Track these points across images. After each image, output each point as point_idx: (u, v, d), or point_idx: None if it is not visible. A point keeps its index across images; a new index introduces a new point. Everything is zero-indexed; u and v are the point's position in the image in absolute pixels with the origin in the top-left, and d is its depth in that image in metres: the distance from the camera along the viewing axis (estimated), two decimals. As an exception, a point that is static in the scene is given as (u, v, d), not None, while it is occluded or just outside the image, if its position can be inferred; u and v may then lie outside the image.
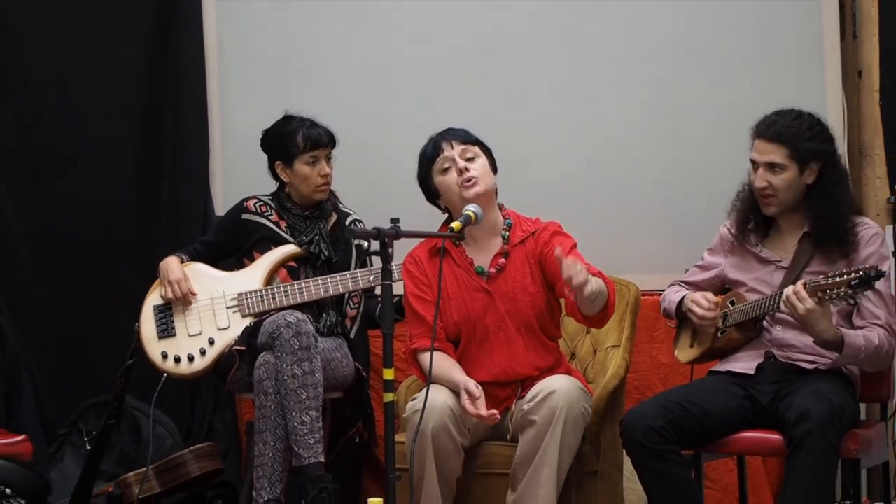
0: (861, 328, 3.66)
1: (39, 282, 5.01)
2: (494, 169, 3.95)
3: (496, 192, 3.94)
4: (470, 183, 3.82)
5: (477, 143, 3.93)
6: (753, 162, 3.73)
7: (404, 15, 5.22)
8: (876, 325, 3.66)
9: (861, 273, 3.38)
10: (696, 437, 3.64)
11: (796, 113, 3.72)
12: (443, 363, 3.77)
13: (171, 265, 4.38)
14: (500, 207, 3.98)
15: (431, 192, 3.94)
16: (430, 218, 3.94)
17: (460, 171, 3.84)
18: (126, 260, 4.98)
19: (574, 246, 3.85)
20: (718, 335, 3.83)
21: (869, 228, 3.72)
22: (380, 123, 5.16)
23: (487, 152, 3.95)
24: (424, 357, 3.79)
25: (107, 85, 5.11)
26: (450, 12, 5.21)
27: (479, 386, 3.71)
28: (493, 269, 3.90)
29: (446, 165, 3.87)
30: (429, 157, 3.91)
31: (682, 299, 3.93)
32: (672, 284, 4.06)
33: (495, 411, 3.67)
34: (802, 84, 5.06)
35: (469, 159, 3.87)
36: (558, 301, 3.92)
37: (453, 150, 3.87)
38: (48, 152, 5.08)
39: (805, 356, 3.69)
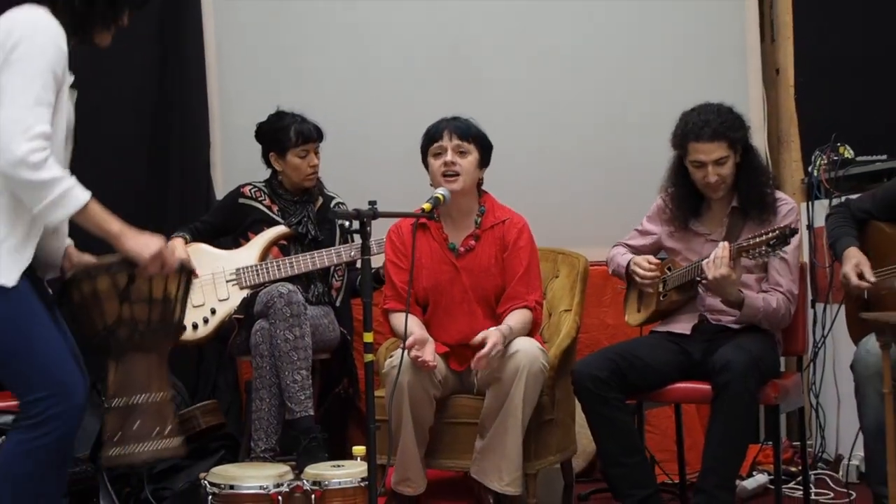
0: (765, 292, 3.72)
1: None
2: (485, 163, 3.90)
3: (481, 181, 3.92)
4: (450, 177, 3.81)
5: (475, 138, 3.87)
6: (700, 163, 3.70)
7: (381, 20, 5.17)
8: (778, 290, 3.71)
9: (777, 232, 3.42)
10: (639, 387, 3.67)
11: (715, 108, 3.73)
12: (410, 322, 3.76)
13: (178, 248, 4.28)
14: (482, 194, 3.94)
15: (425, 164, 3.92)
16: (407, 197, 3.87)
17: (446, 164, 3.81)
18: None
19: (532, 250, 3.89)
20: (661, 298, 3.84)
21: (787, 204, 3.76)
22: (360, 115, 5.12)
23: (482, 147, 3.89)
24: (392, 316, 3.85)
25: (120, 87, 5.06)
26: (421, 19, 5.17)
27: (432, 340, 3.75)
28: (462, 249, 3.91)
29: (438, 152, 3.84)
30: (428, 138, 3.88)
31: (628, 263, 3.93)
32: (616, 245, 4.04)
33: (433, 363, 3.68)
34: (727, 80, 5.04)
35: (461, 153, 3.82)
36: None
37: (449, 142, 3.83)
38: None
39: (732, 318, 3.73)
